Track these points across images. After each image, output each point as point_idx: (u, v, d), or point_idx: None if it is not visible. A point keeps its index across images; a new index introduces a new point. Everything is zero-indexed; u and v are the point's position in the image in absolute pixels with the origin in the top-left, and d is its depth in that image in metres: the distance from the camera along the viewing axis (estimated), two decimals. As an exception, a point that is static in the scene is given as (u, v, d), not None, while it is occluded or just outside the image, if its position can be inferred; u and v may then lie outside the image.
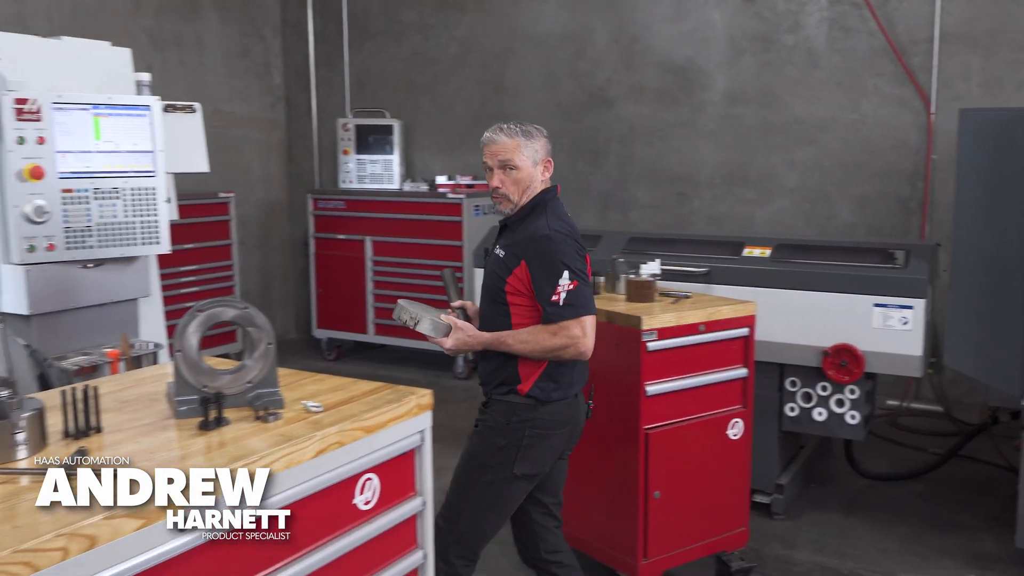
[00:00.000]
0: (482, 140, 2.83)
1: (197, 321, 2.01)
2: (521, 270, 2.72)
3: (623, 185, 6.89)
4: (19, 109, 2.98)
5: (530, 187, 2.78)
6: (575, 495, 3.59)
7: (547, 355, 2.71)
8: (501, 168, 2.76)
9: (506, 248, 2.78)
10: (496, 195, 2.80)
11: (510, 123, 2.83)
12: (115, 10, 6.68)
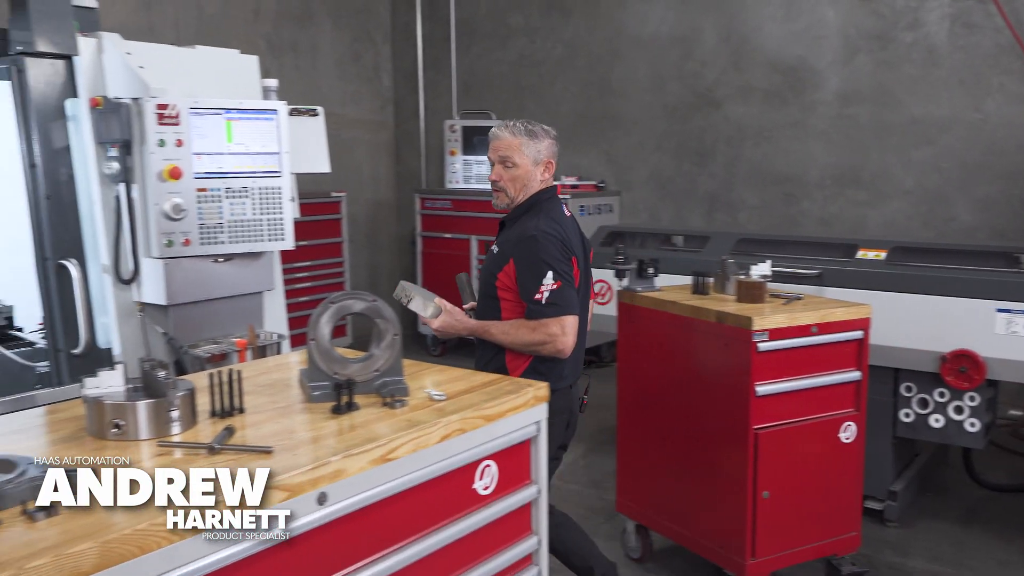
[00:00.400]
0: (489, 134, 2.98)
1: (330, 312, 2.12)
2: (510, 267, 2.84)
3: (730, 186, 6.83)
4: (160, 114, 3.18)
5: (527, 185, 2.91)
6: (680, 492, 3.62)
7: (526, 349, 2.83)
8: (501, 163, 2.90)
9: (500, 245, 2.93)
10: (495, 188, 2.95)
11: (519, 122, 2.95)
12: (237, 19, 7.00)
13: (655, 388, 3.72)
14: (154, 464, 1.69)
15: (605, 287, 5.05)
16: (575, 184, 7.06)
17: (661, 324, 3.61)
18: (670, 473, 3.68)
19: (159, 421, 1.83)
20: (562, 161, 7.49)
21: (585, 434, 5.54)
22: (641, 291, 3.71)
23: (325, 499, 1.69)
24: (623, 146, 7.28)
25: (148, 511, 1.46)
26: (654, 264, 3.73)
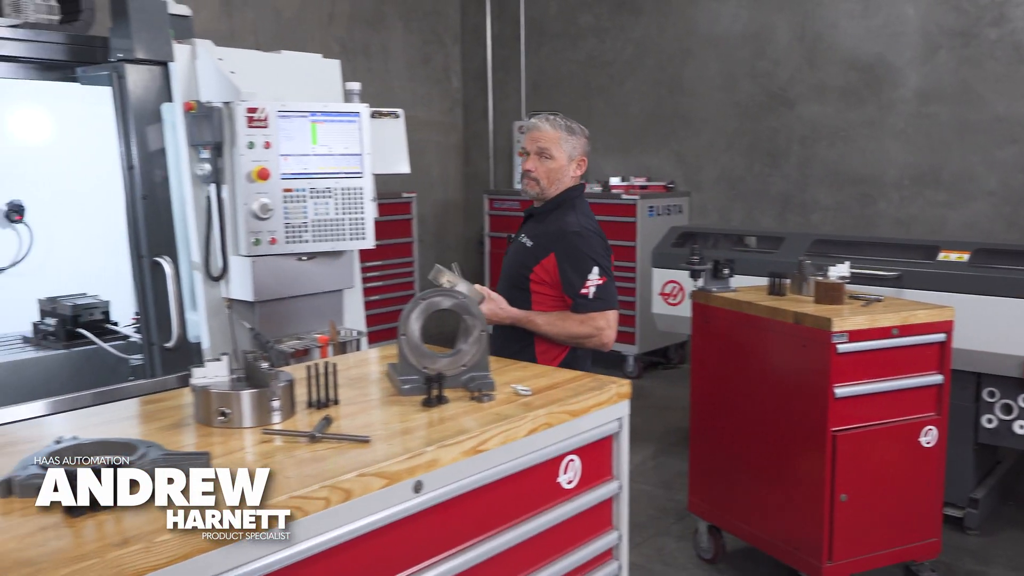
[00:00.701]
0: (526, 124, 3.01)
1: (419, 309, 2.19)
2: (549, 261, 2.87)
3: (803, 186, 6.75)
4: (250, 117, 3.28)
5: (560, 180, 2.96)
6: (754, 493, 3.61)
7: (571, 340, 2.87)
8: (538, 154, 2.95)
9: (534, 238, 2.94)
10: (527, 178, 2.97)
11: (557, 115, 3.00)
12: (312, 23, 7.16)
13: (729, 388, 3.71)
14: (259, 450, 1.78)
15: (676, 287, 5.05)
16: (644, 185, 7.06)
17: (736, 325, 3.61)
18: (744, 474, 3.68)
19: (261, 410, 1.92)
20: (631, 161, 7.51)
21: (654, 435, 5.54)
22: (716, 291, 3.71)
23: (421, 487, 1.76)
24: (693, 146, 7.25)
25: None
26: (729, 264, 3.73)
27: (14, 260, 3.76)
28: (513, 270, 2.97)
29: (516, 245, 3.01)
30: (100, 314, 3.61)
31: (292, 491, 1.54)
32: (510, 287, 2.98)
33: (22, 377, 3.39)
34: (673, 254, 5.07)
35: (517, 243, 3.02)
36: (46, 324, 3.59)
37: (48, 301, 3.64)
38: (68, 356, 3.49)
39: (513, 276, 2.97)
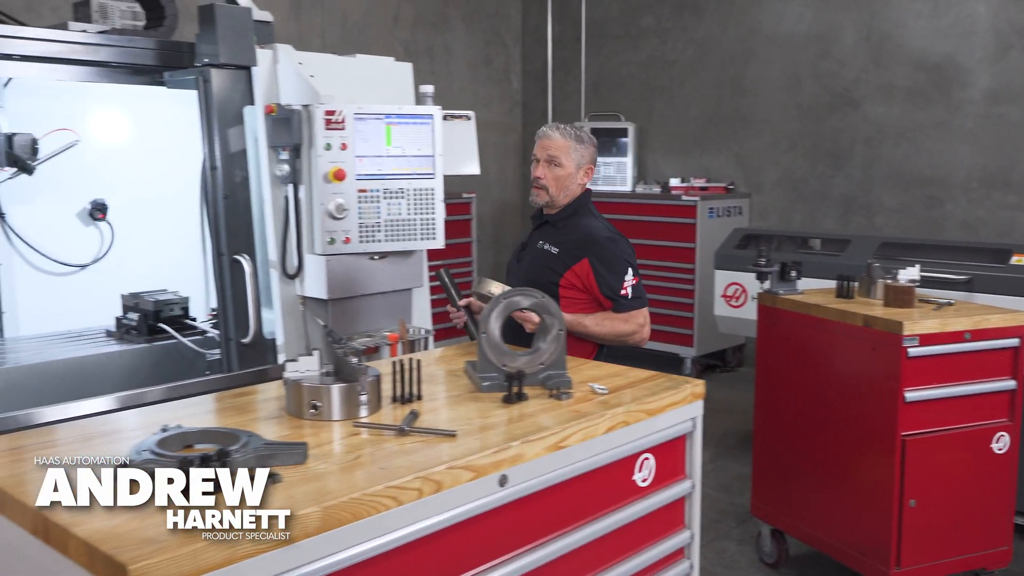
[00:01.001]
0: (537, 133, 3.10)
1: (499, 308, 2.25)
2: (582, 267, 2.97)
3: (867, 188, 6.68)
4: (328, 120, 3.38)
5: (568, 187, 3.06)
6: (820, 497, 3.60)
7: (616, 339, 2.97)
8: (548, 162, 3.04)
9: (559, 245, 3.03)
10: (537, 185, 3.07)
11: (567, 125, 3.08)
12: (377, 26, 7.29)
13: (795, 391, 3.71)
14: (351, 442, 1.85)
15: (739, 290, 5.05)
16: (704, 186, 7.04)
17: (803, 327, 3.61)
18: (809, 477, 3.67)
19: (350, 403, 2.00)
20: (691, 162, 7.50)
21: (713, 438, 5.54)
22: (783, 294, 3.71)
23: (505, 481, 1.82)
24: (754, 147, 7.21)
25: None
26: (797, 267, 3.73)
27: (95, 257, 3.90)
28: (537, 275, 3.03)
29: (536, 251, 3.09)
30: (180, 310, 3.74)
31: (388, 481, 1.61)
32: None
33: (106, 369, 3.52)
34: (736, 256, 5.07)
35: (537, 250, 3.09)
36: (128, 319, 3.72)
37: (130, 297, 3.78)
38: (149, 350, 3.62)
39: (537, 283, 2.94)
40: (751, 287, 4.98)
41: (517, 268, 3.14)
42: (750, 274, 5.05)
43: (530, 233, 3.21)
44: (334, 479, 1.62)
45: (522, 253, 3.15)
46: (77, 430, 1.93)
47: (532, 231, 3.16)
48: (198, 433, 1.78)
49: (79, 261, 3.84)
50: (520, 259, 3.14)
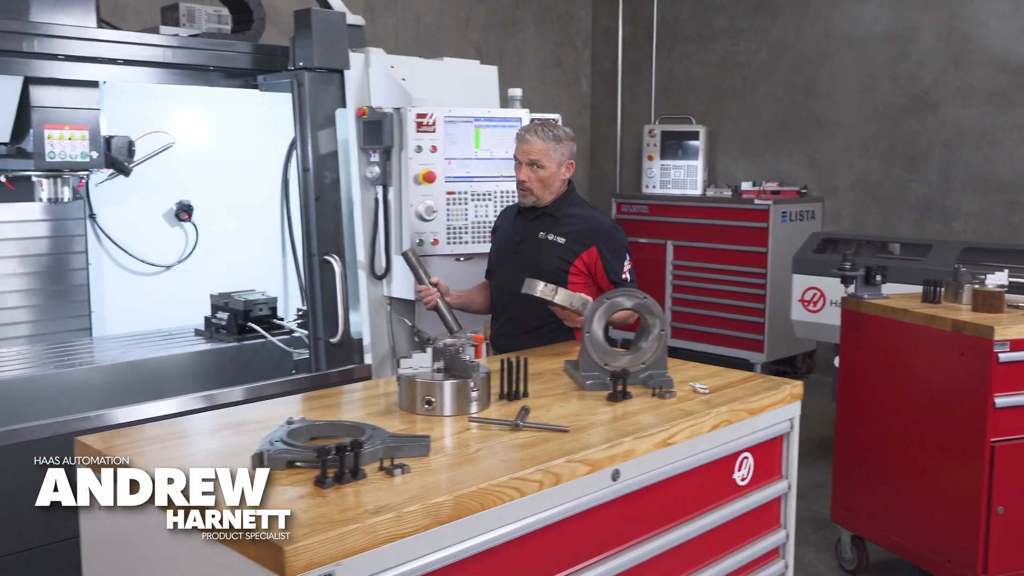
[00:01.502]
0: (516, 135, 3.20)
1: (603, 308, 2.30)
2: (590, 254, 3.12)
3: (945, 192, 6.56)
4: (419, 122, 3.47)
5: (552, 185, 3.17)
6: (903, 503, 3.58)
7: (624, 320, 2.87)
8: (530, 165, 3.14)
9: (565, 235, 3.15)
10: (522, 188, 3.17)
11: (544, 127, 3.18)
12: (449, 28, 7.38)
13: (879, 396, 3.69)
14: (469, 436, 1.92)
15: (818, 294, 5.02)
16: (776, 190, 6.99)
17: (889, 332, 3.58)
18: (893, 483, 3.64)
19: (462, 399, 2.06)
20: (762, 165, 7.45)
21: (787, 440, 5.49)
22: (868, 298, 3.69)
23: (618, 476, 1.87)
24: (828, 150, 7.14)
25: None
26: (882, 271, 3.70)
27: (180, 257, 4.01)
28: (546, 264, 3.13)
29: (539, 242, 3.18)
30: (268, 310, 3.83)
31: (512, 472, 1.67)
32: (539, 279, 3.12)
33: (198, 367, 3.63)
34: (815, 260, 5.04)
35: (540, 240, 3.19)
36: (218, 318, 3.83)
37: (219, 296, 3.88)
38: (239, 349, 3.71)
39: (544, 272, 3.04)
40: (830, 292, 4.95)
41: (516, 259, 3.21)
42: (829, 278, 5.05)
43: (518, 226, 3.28)
44: (459, 470, 1.69)
45: (520, 245, 3.23)
46: (206, 422, 2.03)
47: (527, 223, 3.24)
48: (324, 425, 1.86)
49: (163, 261, 3.96)
50: (518, 251, 3.23)
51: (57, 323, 3.79)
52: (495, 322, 3.38)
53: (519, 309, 3.16)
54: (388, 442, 1.74)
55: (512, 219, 3.35)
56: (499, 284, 3.31)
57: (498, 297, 3.33)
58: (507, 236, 3.33)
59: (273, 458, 1.66)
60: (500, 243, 3.37)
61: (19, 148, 3.26)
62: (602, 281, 3.15)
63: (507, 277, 3.21)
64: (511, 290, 3.09)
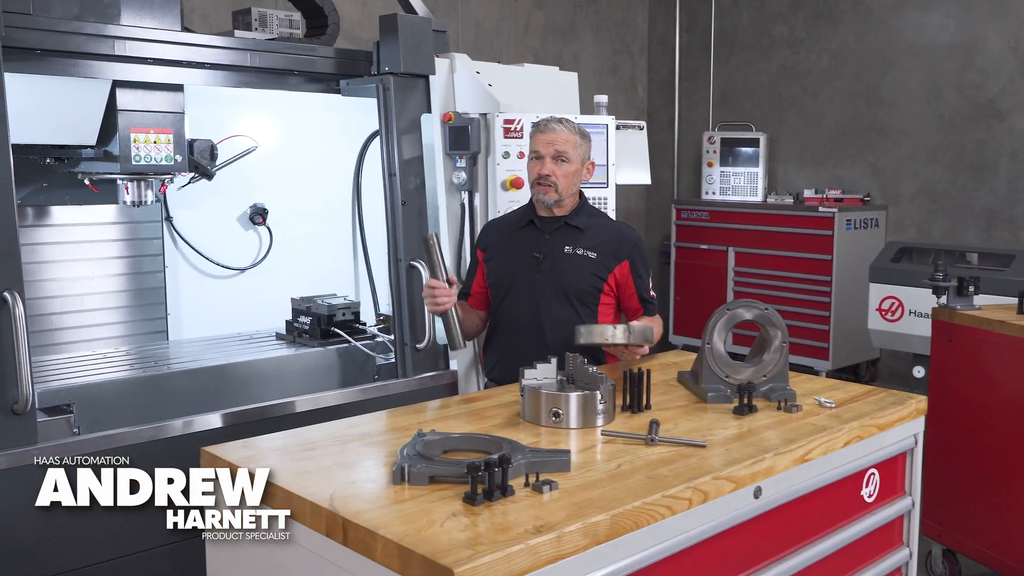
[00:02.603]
0: (536, 125, 2.81)
1: (724, 320, 2.24)
2: (621, 269, 2.79)
3: (1013, 202, 6.42)
4: (507, 128, 3.44)
5: (575, 183, 2.80)
6: (1001, 516, 3.47)
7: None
8: (554, 158, 2.75)
9: (595, 248, 2.78)
10: (544, 183, 2.74)
11: (566, 119, 2.82)
12: (508, 34, 7.36)
13: (973, 407, 3.58)
14: (604, 450, 1.86)
15: (895, 303, 4.92)
16: (839, 197, 6.88)
17: (984, 343, 3.48)
18: (988, 495, 3.54)
19: (589, 412, 2.01)
20: (823, 174, 7.34)
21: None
22: (960, 309, 3.60)
23: (760, 493, 1.81)
24: (891, 159, 7.01)
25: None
26: (975, 282, 3.61)
27: (254, 261, 3.99)
28: (578, 283, 2.77)
29: (565, 258, 2.77)
30: (351, 314, 3.81)
31: (664, 490, 1.61)
32: (567, 305, 2.78)
33: (283, 371, 3.61)
34: (892, 269, 4.94)
35: (566, 256, 2.77)
36: (300, 323, 3.81)
37: (301, 300, 3.86)
38: (323, 354, 3.69)
39: (575, 291, 2.77)
40: (908, 301, 4.85)
41: (538, 280, 2.78)
42: (907, 288, 4.95)
43: (531, 240, 2.83)
44: (607, 487, 1.64)
45: (542, 263, 2.78)
46: (328, 432, 1.99)
47: (543, 237, 2.81)
48: (459, 439, 1.82)
49: (237, 264, 3.94)
50: (540, 269, 2.78)
51: (134, 325, 3.79)
52: (494, 349, 2.94)
53: (535, 338, 2.75)
54: (531, 456, 1.69)
55: (513, 233, 2.89)
56: (512, 309, 2.83)
57: (508, 324, 2.85)
58: (516, 253, 2.85)
59: (416, 474, 1.62)
60: (506, 262, 2.87)
61: (106, 151, 3.27)
62: (630, 300, 2.84)
63: (526, 301, 2.79)
64: (531, 317, 2.76)
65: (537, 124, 2.82)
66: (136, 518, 1.60)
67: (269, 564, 1.61)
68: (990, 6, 6.39)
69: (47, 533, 2.57)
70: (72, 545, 2.63)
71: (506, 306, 2.86)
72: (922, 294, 4.93)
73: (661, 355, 2.82)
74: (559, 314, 2.76)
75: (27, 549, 2.55)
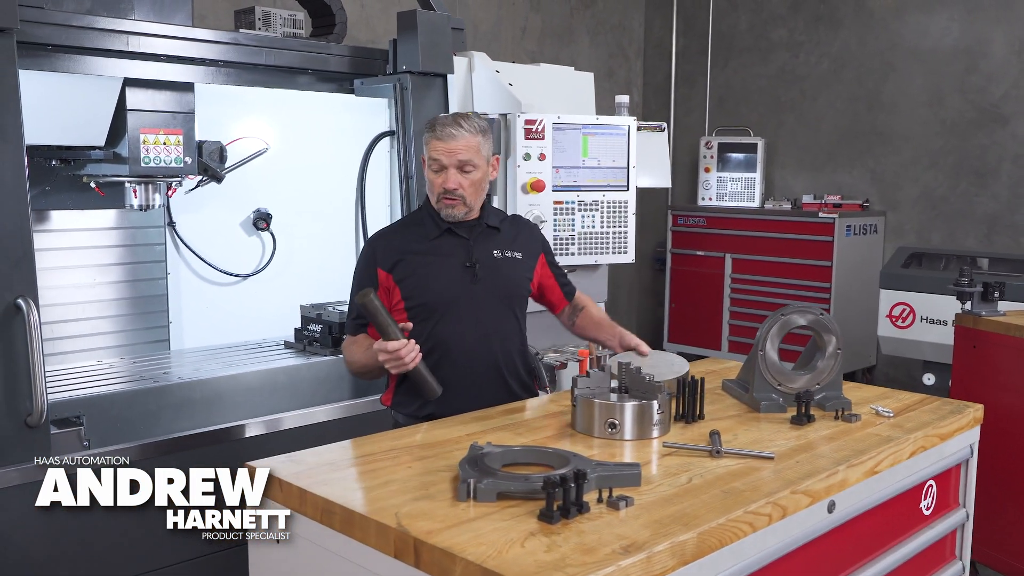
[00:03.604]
0: (428, 127, 2.44)
1: (777, 327, 2.16)
2: (541, 265, 2.60)
3: (1015, 208, 6.41)
4: (528, 129, 3.36)
5: (484, 189, 2.48)
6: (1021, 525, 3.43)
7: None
8: (459, 168, 2.39)
9: (520, 248, 2.54)
10: (450, 197, 2.40)
11: (467, 116, 2.45)
12: (506, 36, 7.28)
13: (1000, 415, 3.51)
14: (668, 463, 1.78)
15: (907, 310, 4.87)
16: (838, 203, 6.85)
17: (1012, 350, 3.44)
18: (1013, 506, 3.49)
19: (645, 422, 1.93)
20: (822, 179, 7.32)
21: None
22: (986, 315, 3.55)
23: (833, 507, 1.73)
24: (891, 164, 7.00)
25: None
26: (1000, 287, 3.57)
27: (256, 267, 3.86)
28: (517, 289, 2.55)
29: (496, 263, 2.49)
30: (342, 323, 3.69)
31: (745, 506, 1.53)
32: (500, 314, 2.51)
33: (295, 380, 3.48)
34: (902, 275, 4.90)
35: (497, 260, 2.49)
36: (311, 330, 3.69)
37: (311, 308, 3.74)
38: (336, 362, 3.57)
39: (509, 298, 2.53)
40: (920, 307, 4.81)
41: (476, 292, 2.45)
42: (919, 293, 4.91)
43: (453, 249, 2.48)
44: (683, 502, 1.55)
45: (477, 271, 2.46)
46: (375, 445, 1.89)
47: (466, 243, 2.48)
48: (520, 451, 1.73)
49: (240, 271, 3.80)
50: (477, 279, 2.45)
51: (136, 334, 3.65)
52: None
53: (483, 357, 2.45)
54: (602, 471, 1.60)
55: (425, 245, 2.48)
56: (452, 330, 2.43)
57: (448, 347, 2.43)
58: (441, 267, 2.46)
59: (483, 490, 1.53)
60: (432, 279, 2.45)
61: (115, 153, 3.15)
62: (551, 293, 2.64)
63: (468, 318, 2.44)
64: (476, 334, 2.44)
65: (433, 127, 2.42)
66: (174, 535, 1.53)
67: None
68: (995, 9, 6.39)
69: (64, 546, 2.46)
70: (89, 560, 2.52)
71: (444, 328, 2.43)
72: (935, 300, 4.90)
73: (696, 363, 2.74)
74: (504, 325, 2.51)
75: (42, 563, 2.43)
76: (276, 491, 1.62)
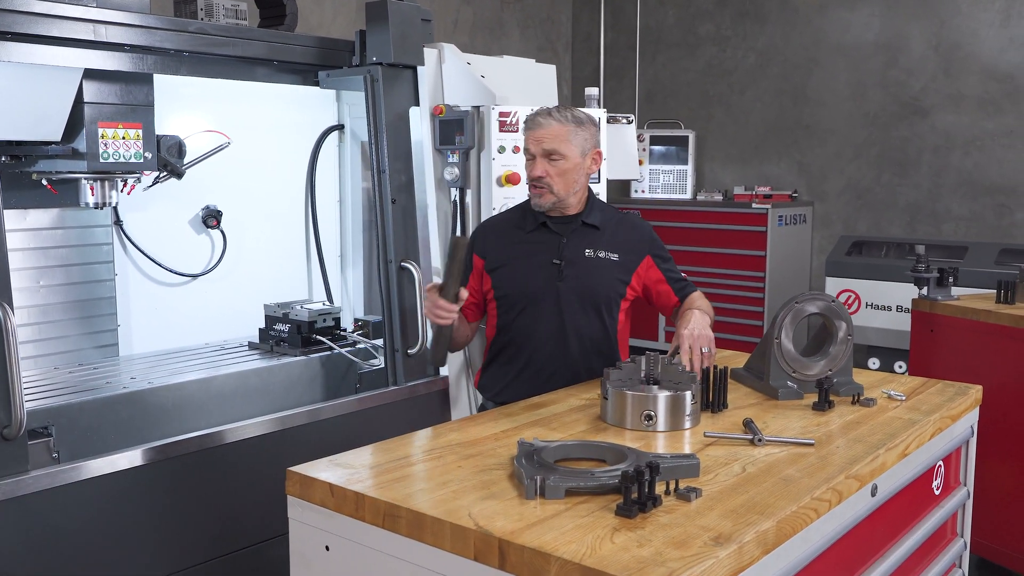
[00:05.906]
0: (525, 122, 2.53)
1: (791, 315, 2.19)
2: (645, 267, 2.59)
3: (935, 197, 6.70)
4: (502, 122, 3.31)
5: (577, 180, 2.50)
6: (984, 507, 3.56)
7: None
8: (545, 157, 2.45)
9: (616, 249, 2.55)
10: (539, 185, 2.46)
11: (560, 108, 2.52)
12: (438, 29, 7.17)
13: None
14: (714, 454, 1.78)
15: (852, 296, 5.03)
16: (768, 194, 7.03)
17: (967, 333, 3.58)
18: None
19: (678, 413, 1.92)
20: (750, 171, 7.50)
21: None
22: (941, 300, 3.69)
23: (876, 490, 1.76)
24: (817, 156, 7.22)
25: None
26: (954, 273, 3.71)
27: (206, 267, 3.69)
28: (602, 291, 2.54)
29: (586, 262, 2.52)
30: (332, 320, 3.59)
31: (811, 492, 1.54)
32: (591, 314, 2.54)
33: (267, 382, 3.35)
34: (847, 263, 5.06)
35: (587, 260, 2.52)
36: (277, 330, 3.57)
37: (277, 307, 3.61)
38: (307, 363, 3.46)
39: (600, 299, 2.54)
40: (865, 293, 4.98)
41: (561, 288, 2.50)
42: (863, 280, 5.08)
43: (544, 244, 2.55)
44: (750, 491, 1.55)
45: (564, 270, 2.50)
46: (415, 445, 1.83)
47: (559, 240, 2.53)
48: (575, 446, 1.70)
49: (190, 271, 3.63)
50: (563, 277, 2.50)
51: (84, 339, 3.46)
52: (506, 369, 2.61)
53: (559, 354, 2.51)
54: (666, 462, 1.58)
55: (521, 238, 2.57)
56: (531, 324, 2.52)
57: (526, 340, 2.53)
58: (530, 261, 2.53)
59: (552, 487, 1.49)
60: (519, 272, 2.54)
61: (73, 148, 2.97)
62: (663, 296, 2.61)
63: (548, 314, 2.50)
64: (554, 331, 2.48)
65: (527, 119, 2.51)
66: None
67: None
68: (913, 6, 6.65)
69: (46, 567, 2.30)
70: None
71: (523, 322, 2.52)
72: (879, 286, 5.09)
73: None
74: (585, 326, 2.52)
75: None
76: (325, 496, 1.55)
